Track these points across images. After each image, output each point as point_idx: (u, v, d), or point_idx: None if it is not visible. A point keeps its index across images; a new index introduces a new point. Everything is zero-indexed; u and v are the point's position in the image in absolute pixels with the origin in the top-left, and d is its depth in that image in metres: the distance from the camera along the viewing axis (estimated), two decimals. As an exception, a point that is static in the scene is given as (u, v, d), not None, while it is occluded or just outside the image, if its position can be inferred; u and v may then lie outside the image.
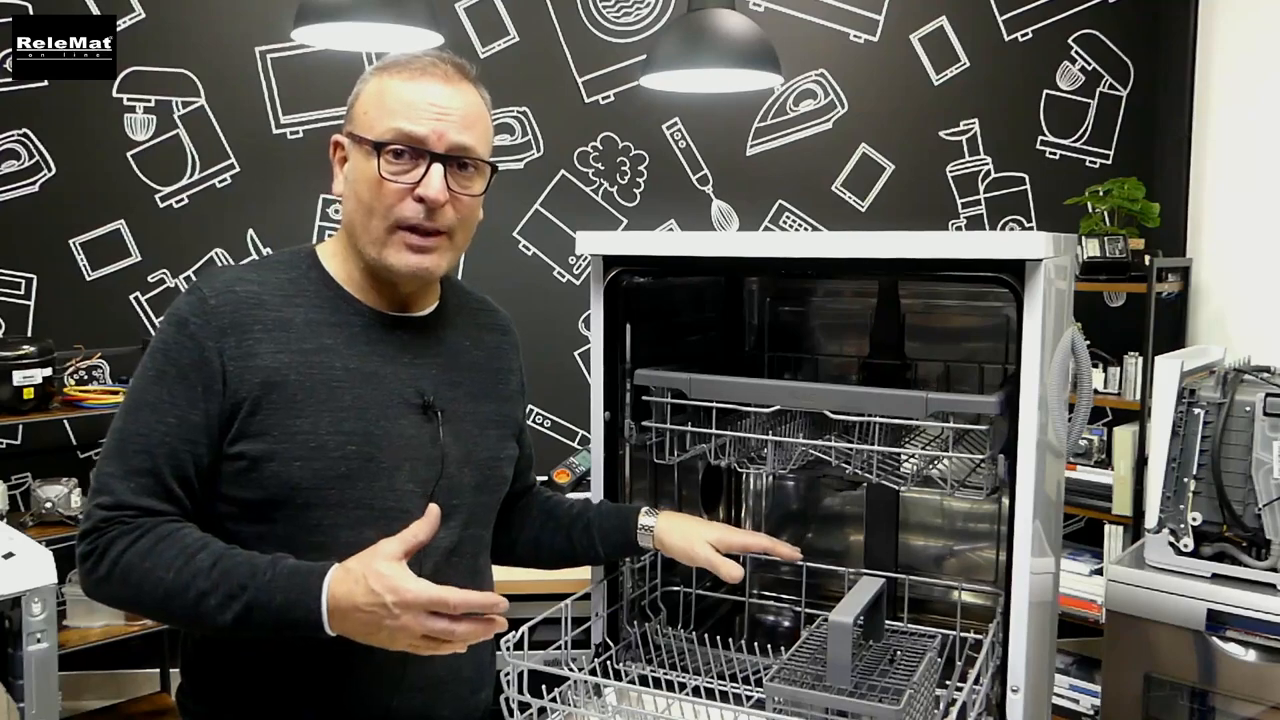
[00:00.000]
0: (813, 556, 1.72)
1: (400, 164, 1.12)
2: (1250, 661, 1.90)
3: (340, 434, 1.11)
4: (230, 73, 3.23)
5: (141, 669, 3.25)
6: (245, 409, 1.08)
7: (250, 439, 1.08)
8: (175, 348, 1.09)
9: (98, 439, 3.25)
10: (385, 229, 1.13)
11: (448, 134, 1.13)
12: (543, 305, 3.37)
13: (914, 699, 1.18)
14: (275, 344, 1.11)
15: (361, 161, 1.13)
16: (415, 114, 1.12)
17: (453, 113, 1.13)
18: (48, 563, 2.21)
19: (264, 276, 1.16)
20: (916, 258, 1.24)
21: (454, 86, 1.15)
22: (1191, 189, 3.24)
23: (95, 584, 1.06)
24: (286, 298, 1.14)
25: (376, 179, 1.11)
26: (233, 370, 1.08)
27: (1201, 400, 1.93)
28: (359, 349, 1.15)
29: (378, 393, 1.15)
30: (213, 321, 1.09)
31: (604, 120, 3.40)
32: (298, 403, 1.09)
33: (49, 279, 3.22)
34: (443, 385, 1.21)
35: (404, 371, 1.18)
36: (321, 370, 1.12)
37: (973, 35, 3.46)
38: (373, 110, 1.14)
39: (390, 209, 1.12)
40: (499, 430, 1.29)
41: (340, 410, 1.11)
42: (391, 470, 1.14)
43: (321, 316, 1.15)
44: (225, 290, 1.11)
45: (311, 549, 1.08)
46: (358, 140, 1.14)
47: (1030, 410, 1.21)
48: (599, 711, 1.35)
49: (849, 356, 1.84)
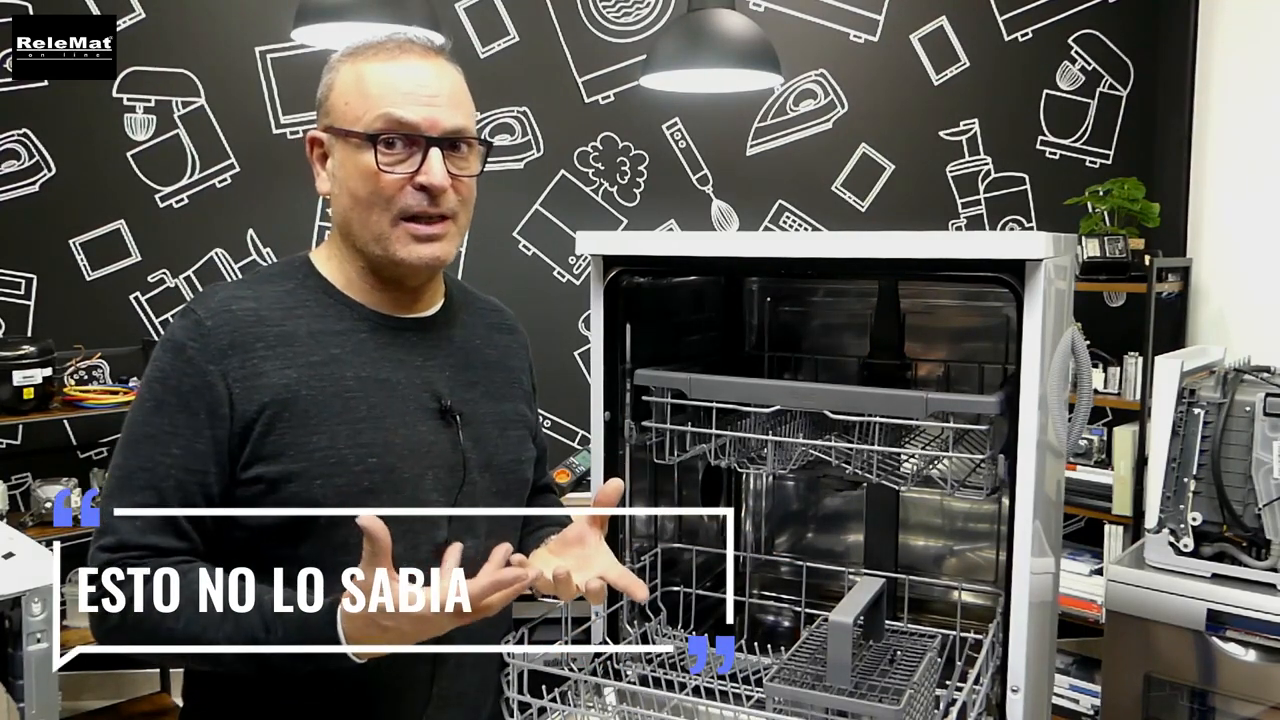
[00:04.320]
0: (813, 556, 1.72)
1: (395, 153, 1.07)
2: (1250, 661, 1.90)
3: (359, 447, 1.06)
4: (230, 73, 3.23)
5: (141, 669, 3.25)
6: (257, 430, 1.03)
7: (266, 461, 1.03)
8: (174, 375, 1.03)
9: (98, 439, 3.25)
10: (389, 222, 1.08)
11: (440, 118, 1.07)
12: (543, 305, 3.37)
13: (914, 699, 1.18)
14: (281, 360, 1.05)
15: (351, 155, 1.08)
16: (402, 99, 1.06)
17: (440, 94, 1.08)
18: (48, 563, 2.21)
19: (260, 291, 1.10)
20: (916, 258, 1.24)
21: (433, 64, 1.10)
22: (1191, 189, 3.24)
23: (106, 634, 1.01)
24: (287, 310, 1.09)
25: (372, 171, 1.06)
26: (239, 392, 1.03)
27: (1201, 400, 1.93)
28: (368, 355, 1.10)
29: (393, 399, 1.09)
30: (211, 343, 1.03)
31: (604, 120, 3.40)
32: (311, 419, 1.04)
33: (49, 279, 3.22)
34: (459, 387, 1.16)
35: (417, 375, 1.13)
36: (332, 382, 1.06)
37: (973, 35, 3.46)
38: (354, 99, 1.08)
39: (391, 200, 1.07)
40: (518, 432, 1.23)
41: (356, 422, 1.06)
42: (415, 480, 1.09)
43: (325, 326, 1.10)
44: (221, 310, 1.06)
45: (340, 568, 0.98)
46: (343, 134, 1.08)
47: (1030, 410, 1.21)
48: (599, 712, 1.35)
49: (849, 356, 1.84)
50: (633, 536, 1.57)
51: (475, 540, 1.11)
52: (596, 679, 1.34)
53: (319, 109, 1.13)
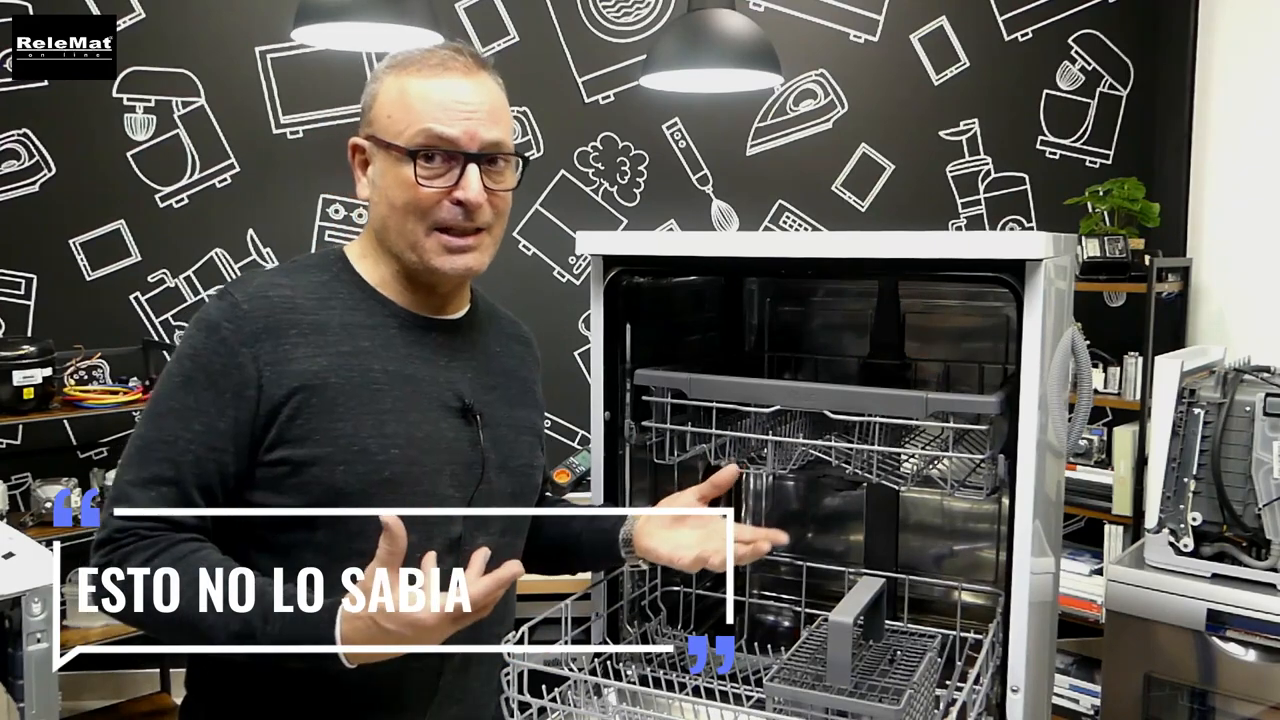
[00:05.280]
0: (813, 556, 1.72)
1: (434, 167, 1.10)
2: (1250, 661, 1.90)
3: (383, 437, 1.08)
4: (230, 73, 3.23)
5: (141, 669, 3.25)
6: (285, 414, 1.05)
7: (291, 444, 1.05)
8: (205, 353, 1.06)
9: (98, 439, 3.25)
10: (424, 232, 1.11)
11: (479, 133, 1.11)
12: (543, 305, 3.37)
13: (914, 699, 1.18)
14: (312, 347, 1.08)
15: (391, 166, 1.11)
16: (443, 114, 1.09)
17: (480, 109, 1.11)
18: (48, 563, 2.21)
19: (296, 280, 1.13)
20: (916, 258, 1.24)
21: (475, 80, 1.13)
22: (1191, 189, 3.24)
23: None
24: (321, 300, 1.12)
25: (411, 183, 1.09)
26: (269, 375, 1.05)
27: (1201, 400, 1.94)
28: (396, 351, 1.13)
29: (417, 395, 1.12)
30: (245, 326, 1.06)
31: (604, 120, 3.40)
32: (338, 406, 1.07)
33: (49, 279, 3.22)
34: (479, 389, 1.19)
35: (441, 374, 1.16)
36: (360, 373, 1.09)
37: (973, 35, 3.46)
38: (396, 113, 1.11)
39: (428, 213, 1.10)
40: (531, 439, 1.27)
41: (381, 413, 1.09)
42: (434, 474, 1.11)
43: (357, 319, 1.13)
44: (258, 295, 1.09)
45: (354, 555, 1.02)
46: (384, 145, 1.11)
47: (1030, 410, 1.21)
48: (599, 712, 1.35)
49: (849, 356, 1.84)
50: (633, 536, 1.57)
51: (489, 538, 1.15)
52: (596, 679, 1.34)
53: (362, 117, 1.17)
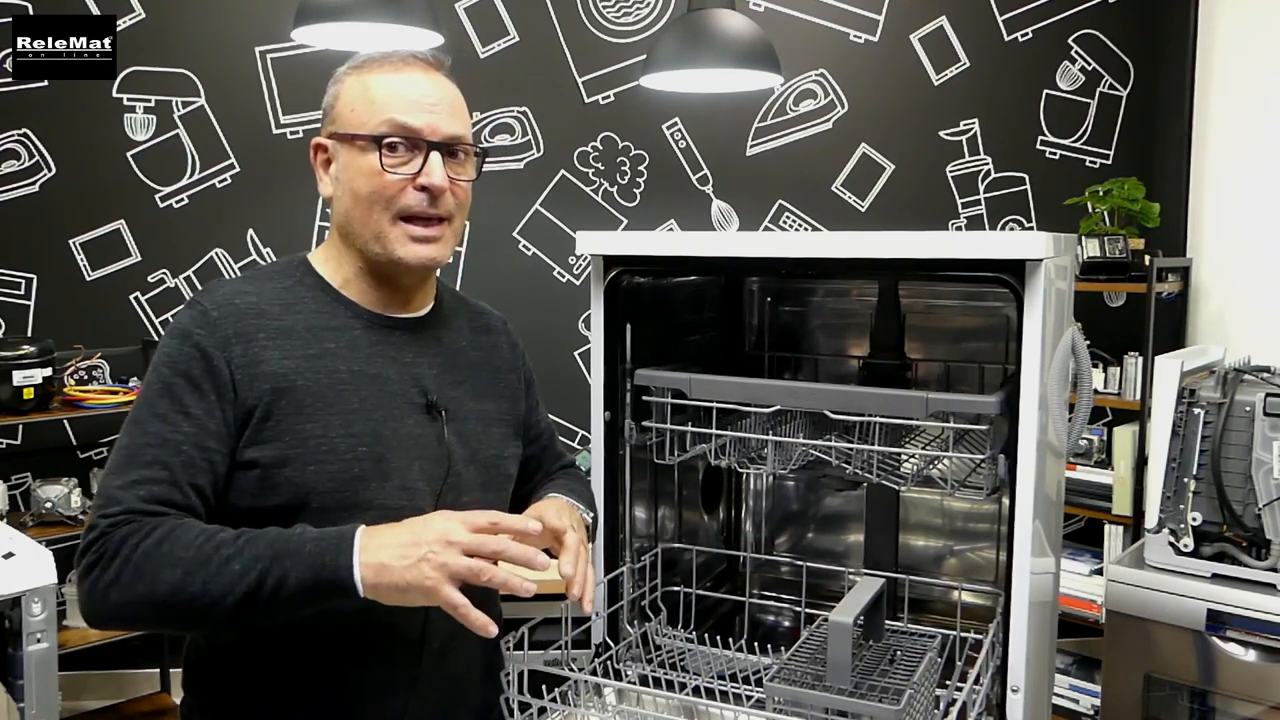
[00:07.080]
0: (813, 556, 1.72)
1: (398, 156, 1.13)
2: (1250, 661, 1.90)
3: (351, 436, 1.11)
4: (230, 73, 3.23)
5: (141, 669, 3.25)
6: (257, 415, 1.08)
7: (261, 445, 1.08)
8: (183, 359, 1.08)
9: (98, 439, 3.25)
10: (389, 220, 1.14)
11: (440, 126, 1.15)
12: (543, 305, 3.37)
13: (914, 699, 1.18)
14: (280, 351, 1.11)
15: (355, 158, 1.15)
16: (406, 106, 1.14)
17: (440, 104, 1.16)
18: (48, 563, 2.21)
19: (261, 287, 1.16)
20: (916, 258, 1.24)
21: (434, 78, 1.18)
22: (1191, 189, 3.24)
23: (103, 590, 0.99)
24: (285, 306, 1.15)
25: (376, 170, 1.13)
26: (241, 378, 1.08)
27: (1201, 400, 1.94)
28: (361, 351, 1.16)
29: (383, 394, 1.15)
30: (217, 332, 1.09)
31: (604, 120, 3.40)
32: (307, 408, 1.10)
33: (49, 279, 3.22)
34: (444, 385, 1.22)
35: (406, 372, 1.19)
36: (327, 374, 1.12)
37: (973, 35, 3.46)
38: (360, 107, 1.15)
39: (393, 199, 1.14)
40: (501, 429, 1.29)
41: (349, 413, 1.12)
42: (403, 470, 1.14)
43: (321, 321, 1.16)
44: (226, 303, 1.12)
45: None
46: (348, 138, 1.15)
47: (1030, 410, 1.22)
48: (599, 712, 1.35)
49: (849, 356, 1.84)
50: (633, 536, 1.57)
51: None
52: (596, 679, 1.34)
53: (324, 118, 1.20)
